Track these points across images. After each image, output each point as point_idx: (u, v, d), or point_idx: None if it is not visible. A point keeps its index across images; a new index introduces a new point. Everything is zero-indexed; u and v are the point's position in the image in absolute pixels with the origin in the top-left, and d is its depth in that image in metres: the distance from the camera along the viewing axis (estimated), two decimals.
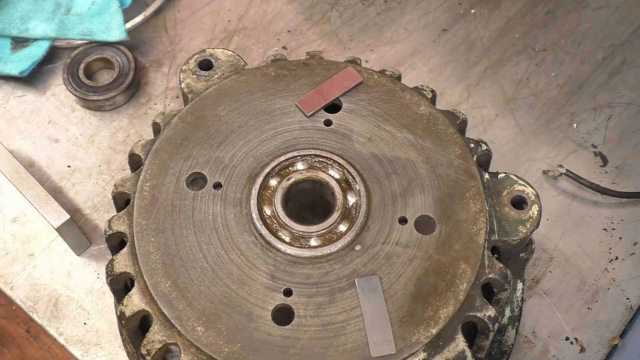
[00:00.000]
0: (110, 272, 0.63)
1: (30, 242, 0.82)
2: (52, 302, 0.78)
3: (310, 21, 1.00)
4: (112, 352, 0.76)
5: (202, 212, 0.65)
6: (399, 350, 0.58)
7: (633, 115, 0.92)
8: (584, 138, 0.90)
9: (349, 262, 0.62)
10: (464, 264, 0.62)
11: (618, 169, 0.88)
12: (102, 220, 0.83)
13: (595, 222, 0.85)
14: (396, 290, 0.61)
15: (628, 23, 1.00)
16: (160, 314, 0.60)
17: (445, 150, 0.68)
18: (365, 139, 0.69)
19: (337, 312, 0.60)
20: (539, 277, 0.81)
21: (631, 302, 0.80)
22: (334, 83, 0.72)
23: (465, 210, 0.64)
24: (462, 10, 1.01)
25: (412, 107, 0.71)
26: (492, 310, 0.60)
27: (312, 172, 0.67)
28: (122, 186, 0.67)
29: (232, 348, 0.58)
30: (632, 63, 0.96)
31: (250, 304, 0.60)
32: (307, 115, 0.70)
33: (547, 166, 0.88)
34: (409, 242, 0.63)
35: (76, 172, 0.86)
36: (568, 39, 0.98)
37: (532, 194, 0.65)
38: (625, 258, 0.82)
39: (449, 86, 0.94)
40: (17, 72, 0.90)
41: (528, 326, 0.78)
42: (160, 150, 0.68)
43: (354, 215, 0.65)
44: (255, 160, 0.68)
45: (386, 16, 1.00)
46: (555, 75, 0.95)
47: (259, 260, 0.62)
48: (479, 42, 0.98)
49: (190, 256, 0.62)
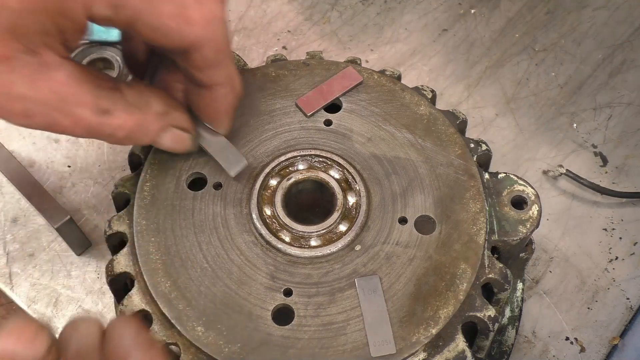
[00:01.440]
0: (110, 272, 0.63)
1: (30, 242, 0.82)
2: (52, 302, 0.78)
3: (310, 21, 1.00)
4: None
5: (202, 212, 0.65)
6: (399, 350, 0.58)
7: (633, 115, 0.92)
8: (584, 138, 0.90)
9: (349, 262, 0.62)
10: (464, 264, 0.62)
11: (618, 169, 0.88)
12: (102, 220, 0.83)
13: (595, 222, 0.85)
14: (396, 290, 0.61)
15: (628, 23, 1.00)
16: (160, 314, 0.60)
17: (445, 150, 0.68)
18: (365, 139, 0.69)
19: (337, 312, 0.60)
20: (539, 277, 0.81)
21: (631, 302, 0.80)
22: (334, 83, 0.72)
23: (465, 210, 0.64)
24: (462, 10, 1.01)
25: (412, 107, 0.71)
26: (492, 310, 0.60)
27: (312, 172, 0.67)
28: (122, 186, 0.67)
29: (232, 348, 0.58)
30: (632, 63, 0.96)
31: (250, 304, 0.60)
32: (307, 115, 0.70)
33: (547, 166, 0.88)
34: (409, 242, 0.63)
35: (76, 172, 0.86)
36: (568, 39, 0.98)
37: (532, 194, 0.65)
38: (625, 258, 0.82)
39: (449, 86, 0.94)
40: None
41: (528, 326, 0.78)
42: (160, 150, 0.68)
43: (354, 215, 0.65)
44: (255, 160, 0.68)
45: (386, 16, 1.01)
46: (555, 75, 0.96)
47: (259, 260, 0.62)
48: (479, 42, 0.98)
49: (190, 256, 0.62)
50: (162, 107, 0.60)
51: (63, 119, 0.53)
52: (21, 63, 0.50)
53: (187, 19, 0.54)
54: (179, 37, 0.55)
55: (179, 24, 0.54)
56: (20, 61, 0.50)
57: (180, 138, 0.62)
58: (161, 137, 0.61)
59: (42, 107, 0.52)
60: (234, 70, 0.61)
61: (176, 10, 0.53)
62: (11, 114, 0.52)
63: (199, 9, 0.54)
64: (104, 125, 0.55)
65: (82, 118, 0.53)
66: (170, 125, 0.61)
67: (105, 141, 0.59)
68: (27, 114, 0.52)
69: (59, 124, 0.53)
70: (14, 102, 0.51)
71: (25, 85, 0.51)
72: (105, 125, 0.55)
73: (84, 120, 0.54)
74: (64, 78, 0.52)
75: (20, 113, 0.52)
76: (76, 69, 0.53)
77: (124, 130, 0.56)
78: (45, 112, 0.52)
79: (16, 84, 0.50)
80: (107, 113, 0.55)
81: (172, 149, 0.63)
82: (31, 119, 0.52)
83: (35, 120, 0.53)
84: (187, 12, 0.54)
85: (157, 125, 0.60)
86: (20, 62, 0.50)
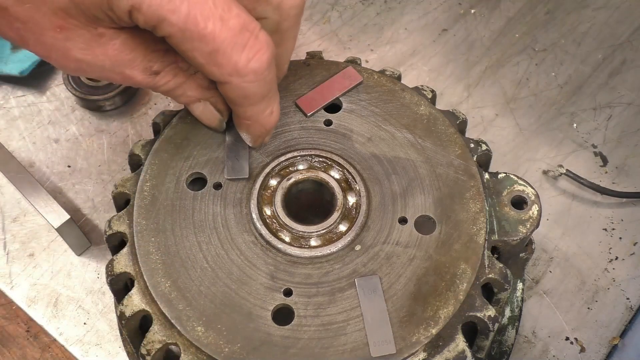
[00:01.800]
0: (110, 272, 0.63)
1: (30, 242, 0.82)
2: (52, 302, 0.78)
3: (310, 21, 1.00)
4: (112, 352, 0.76)
5: (202, 212, 0.65)
6: (399, 350, 0.58)
7: (633, 115, 0.92)
8: (584, 138, 0.90)
9: (349, 262, 0.62)
10: (464, 264, 0.62)
11: (618, 169, 0.88)
12: (102, 220, 0.83)
13: (595, 222, 0.85)
14: (396, 290, 0.61)
15: (628, 23, 1.00)
16: (160, 314, 0.60)
17: (445, 150, 0.68)
18: (365, 139, 0.69)
19: (337, 312, 0.60)
20: (539, 277, 0.81)
21: (631, 302, 0.80)
22: (334, 83, 0.72)
23: (465, 210, 0.64)
24: (462, 10, 1.01)
25: (412, 107, 0.71)
26: (492, 310, 0.60)
27: (312, 172, 0.67)
28: (122, 186, 0.67)
29: (232, 348, 0.58)
30: (632, 63, 0.96)
31: (250, 304, 0.60)
32: (307, 115, 0.70)
33: (547, 166, 0.88)
34: (409, 242, 0.63)
35: (76, 172, 0.86)
36: (568, 39, 0.98)
37: (532, 194, 0.65)
38: (625, 258, 0.82)
39: (449, 86, 0.94)
40: (17, 72, 0.90)
41: (528, 326, 0.78)
42: (160, 150, 0.68)
43: (354, 215, 0.65)
44: (255, 160, 0.68)
45: (386, 16, 1.01)
46: (555, 75, 0.96)
47: (259, 260, 0.62)
48: (479, 42, 0.98)
49: (190, 256, 0.62)
50: (206, 82, 0.64)
51: (114, 76, 0.60)
52: (76, 34, 0.56)
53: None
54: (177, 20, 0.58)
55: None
56: (76, 33, 0.56)
57: (212, 114, 0.67)
58: (196, 105, 0.66)
59: (95, 68, 0.59)
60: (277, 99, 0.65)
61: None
62: (66, 68, 0.59)
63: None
64: (150, 82, 0.61)
65: (132, 76, 0.60)
66: (207, 99, 0.65)
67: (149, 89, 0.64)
68: (80, 71, 0.59)
69: (109, 78, 0.61)
70: (69, 62, 0.58)
71: (81, 52, 0.57)
72: (151, 82, 0.61)
73: (134, 78, 0.60)
74: (117, 45, 0.57)
75: (74, 69, 0.59)
76: (129, 36, 0.58)
77: (167, 87, 0.62)
78: (98, 72, 0.59)
79: (72, 50, 0.56)
80: (156, 74, 0.60)
81: (200, 119, 0.68)
82: (84, 72, 0.60)
83: (87, 74, 0.60)
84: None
85: (196, 93, 0.64)
86: (76, 33, 0.56)
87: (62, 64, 0.59)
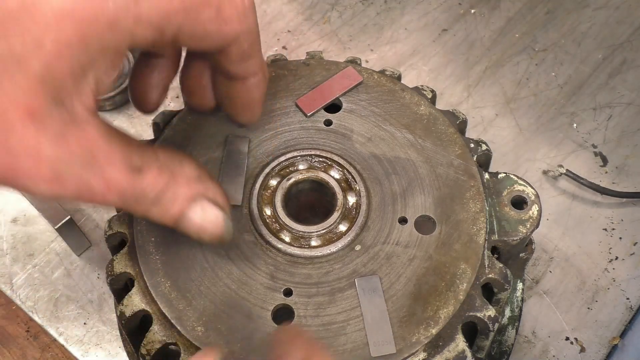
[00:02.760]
0: (110, 272, 0.63)
1: (30, 242, 0.82)
2: (52, 302, 0.78)
3: (310, 21, 1.00)
4: (112, 352, 0.76)
5: None
6: (399, 350, 0.58)
7: (633, 115, 0.92)
8: (584, 138, 0.91)
9: (349, 262, 0.62)
10: (464, 264, 0.62)
11: (618, 169, 0.88)
12: (102, 220, 0.83)
13: (595, 222, 0.85)
14: (396, 290, 0.61)
15: (628, 23, 1.00)
16: (160, 314, 0.60)
17: (445, 150, 0.68)
18: (365, 139, 0.69)
19: (337, 312, 0.60)
20: (539, 277, 0.81)
21: (631, 302, 0.80)
22: (334, 83, 0.72)
23: (465, 210, 0.64)
24: (462, 10, 1.01)
25: (412, 107, 0.71)
26: (492, 310, 0.60)
27: (312, 172, 0.67)
28: None
29: (232, 348, 0.58)
30: (632, 63, 0.96)
31: (250, 304, 0.60)
32: (307, 115, 0.70)
33: (547, 166, 0.88)
34: (409, 242, 0.63)
35: None
36: (568, 39, 0.98)
37: (532, 194, 0.65)
38: (625, 258, 0.82)
39: (449, 86, 0.94)
40: None
41: (528, 326, 0.78)
42: None
43: (354, 215, 0.65)
44: (255, 160, 0.68)
45: (386, 16, 1.01)
46: (555, 75, 0.96)
47: (259, 260, 0.62)
48: (479, 42, 0.98)
49: (190, 256, 0.62)
50: (195, 172, 0.56)
51: (95, 182, 0.49)
52: (51, 118, 0.45)
53: (224, 18, 0.52)
54: (218, 37, 0.53)
55: (219, 26, 0.52)
56: (50, 116, 0.45)
57: (215, 216, 0.56)
58: (191, 208, 0.55)
59: (73, 168, 0.47)
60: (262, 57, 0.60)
61: (214, 13, 0.51)
62: (40, 181, 0.47)
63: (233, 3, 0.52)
64: (136, 186, 0.51)
65: (114, 178, 0.49)
66: (202, 195, 0.55)
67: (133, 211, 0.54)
68: (57, 178, 0.47)
69: (91, 188, 0.49)
70: (43, 166, 0.46)
71: (56, 145, 0.46)
72: (137, 187, 0.51)
73: (116, 180, 0.49)
74: (94, 134, 0.48)
75: (50, 178, 0.47)
76: (103, 125, 0.49)
77: (154, 191, 0.52)
78: (77, 174, 0.47)
79: (45, 144, 0.45)
80: (139, 171, 0.51)
81: (204, 231, 0.56)
82: (62, 184, 0.47)
83: (66, 186, 0.48)
84: (224, 12, 0.52)
85: (188, 191, 0.54)
86: (50, 116, 0.45)
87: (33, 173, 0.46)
